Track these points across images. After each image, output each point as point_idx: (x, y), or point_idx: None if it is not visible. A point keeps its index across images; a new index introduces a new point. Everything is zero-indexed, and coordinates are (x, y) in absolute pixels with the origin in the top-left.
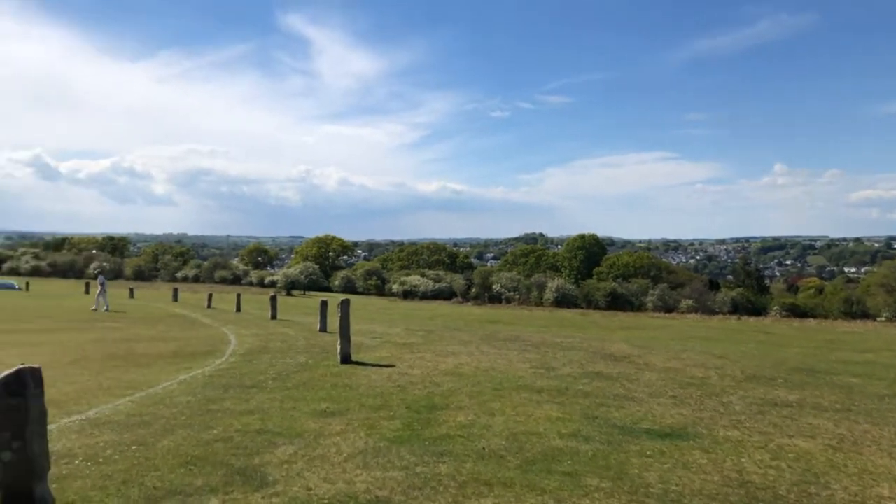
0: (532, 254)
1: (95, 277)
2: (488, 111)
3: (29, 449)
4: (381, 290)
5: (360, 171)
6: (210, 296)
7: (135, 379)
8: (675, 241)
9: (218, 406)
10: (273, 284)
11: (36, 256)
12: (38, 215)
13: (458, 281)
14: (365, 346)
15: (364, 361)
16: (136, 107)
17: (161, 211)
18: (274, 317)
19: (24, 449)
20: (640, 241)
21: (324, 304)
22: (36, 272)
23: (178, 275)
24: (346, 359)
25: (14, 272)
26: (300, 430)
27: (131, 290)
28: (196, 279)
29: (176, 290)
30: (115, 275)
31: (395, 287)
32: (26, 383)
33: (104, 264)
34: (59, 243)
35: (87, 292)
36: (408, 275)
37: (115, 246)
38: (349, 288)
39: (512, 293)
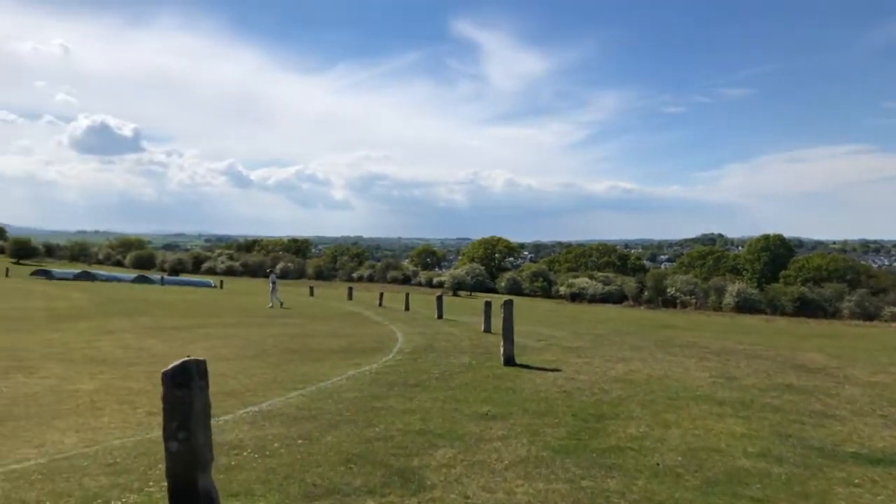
0: (710, 255)
1: (268, 276)
2: (660, 107)
3: (194, 439)
4: (547, 293)
5: (526, 172)
6: (381, 294)
7: (308, 373)
8: (875, 241)
9: (382, 403)
10: (440, 285)
11: (230, 257)
12: (232, 219)
13: (630, 283)
14: (529, 349)
15: (528, 364)
16: (317, 117)
17: (339, 214)
18: (440, 316)
19: (190, 439)
20: (834, 242)
21: (487, 305)
22: (230, 272)
23: (354, 275)
24: (509, 361)
25: (211, 272)
26: (461, 432)
27: (311, 289)
28: (370, 279)
29: (351, 289)
30: (299, 274)
31: (562, 289)
32: (191, 375)
33: (284, 264)
34: (249, 245)
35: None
36: (575, 277)
37: (299, 248)
38: (515, 289)
39: (688, 297)
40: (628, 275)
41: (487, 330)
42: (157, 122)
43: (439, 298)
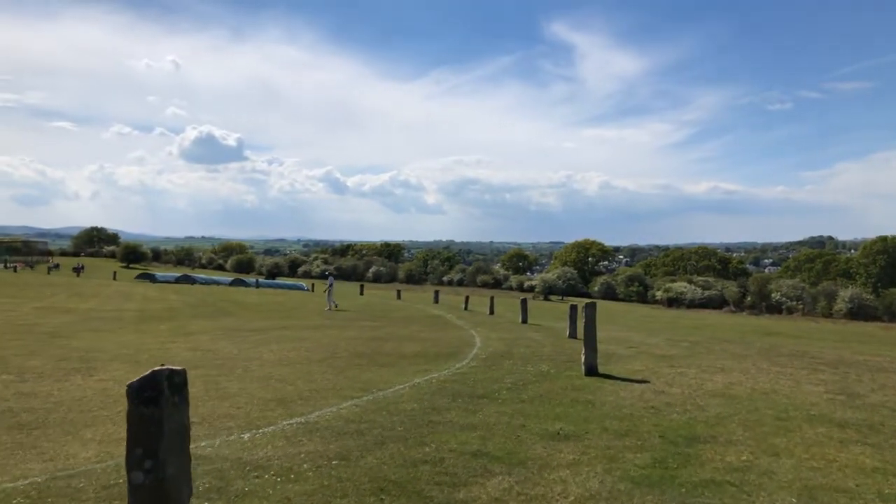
0: (819, 259)
1: (325, 278)
2: (765, 104)
3: (162, 470)
4: (643, 297)
5: (621, 174)
6: (467, 298)
7: (371, 379)
8: None
9: (440, 417)
10: (531, 289)
11: (325, 261)
12: (330, 225)
13: (731, 288)
14: (617, 357)
15: (612, 374)
16: (410, 123)
17: (431, 219)
18: (524, 321)
19: (157, 470)
20: None
21: (573, 309)
22: (324, 276)
23: (444, 278)
24: (591, 370)
25: (307, 275)
26: (524, 456)
27: (398, 292)
28: (460, 283)
29: (437, 293)
30: (391, 278)
31: (658, 294)
32: (161, 389)
33: (376, 268)
34: (344, 249)
35: (361, 294)
36: (673, 281)
37: (391, 252)
38: (609, 294)
39: (794, 302)
40: (729, 279)
41: (573, 335)
42: (260, 132)
43: (523, 302)
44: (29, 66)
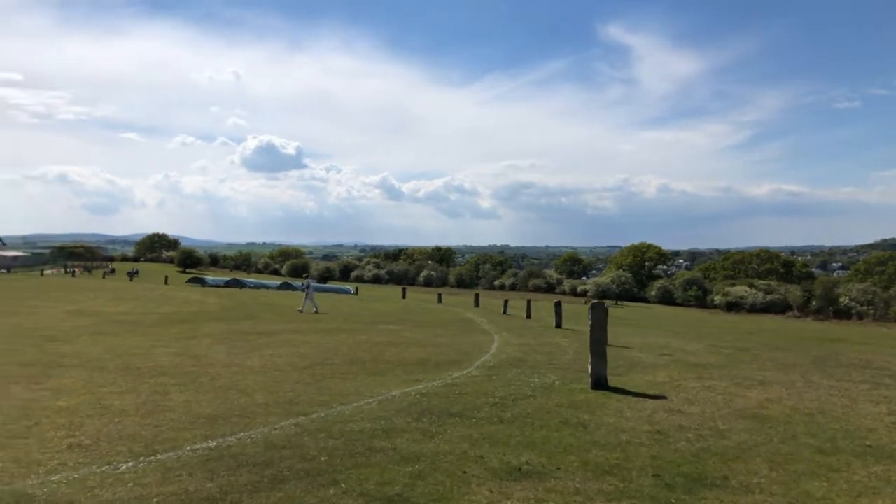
0: (891, 262)
1: (304, 278)
2: (832, 102)
3: None
4: (702, 302)
5: (680, 177)
6: (506, 302)
7: (344, 391)
8: None
9: (385, 443)
10: (584, 294)
11: (377, 266)
12: (386, 230)
13: (795, 292)
14: (641, 366)
15: (625, 388)
16: (464, 129)
17: (486, 224)
18: (558, 325)
19: None
20: None
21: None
22: (376, 279)
23: (496, 283)
24: (598, 383)
25: (359, 279)
26: None
27: (439, 296)
28: (513, 287)
29: (477, 296)
30: (442, 282)
31: (717, 298)
32: None
33: (427, 272)
34: (395, 254)
35: (403, 297)
36: (732, 285)
37: (443, 256)
38: (666, 298)
39: (865, 307)
40: (793, 283)
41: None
42: (318, 140)
43: (557, 305)
44: (100, 80)
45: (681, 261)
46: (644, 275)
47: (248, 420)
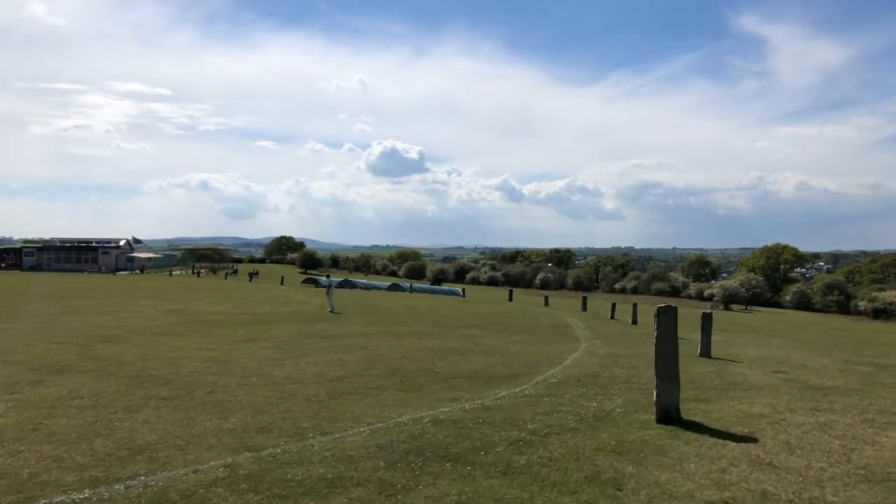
0: None
1: (326, 279)
2: None
3: None
4: (844, 308)
5: (822, 174)
6: (613, 306)
7: (346, 413)
8: None
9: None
10: (711, 298)
11: (492, 268)
12: (507, 233)
13: None
14: (741, 387)
15: (703, 423)
16: (587, 128)
17: (610, 225)
18: None
19: None
20: None
21: (706, 318)
22: (491, 282)
23: (617, 286)
24: (666, 414)
25: (474, 281)
26: None
27: (546, 298)
28: (634, 290)
29: (585, 299)
30: (559, 285)
31: (861, 304)
32: None
33: (545, 274)
34: (513, 256)
35: (510, 299)
36: (881, 290)
37: (561, 258)
38: (803, 303)
39: None
40: None
41: (705, 353)
42: (440, 144)
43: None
44: (236, 92)
45: (821, 263)
46: (778, 278)
47: (178, 454)
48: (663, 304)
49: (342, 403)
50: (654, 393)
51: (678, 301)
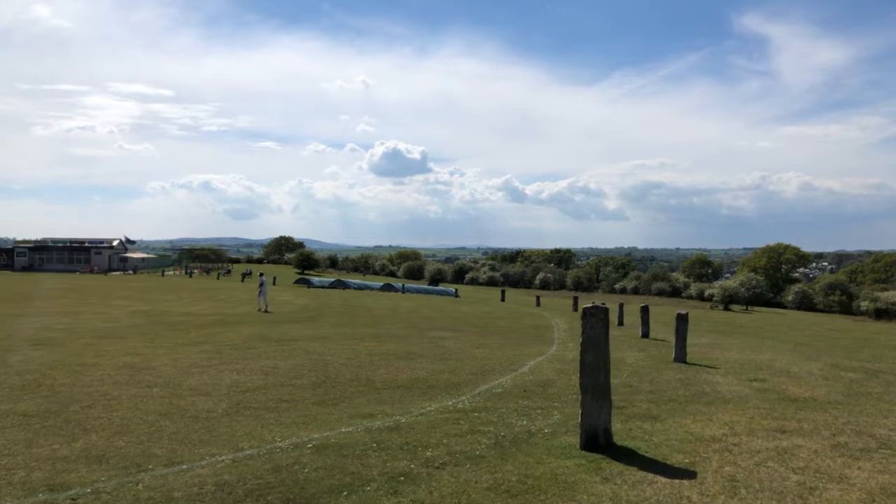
0: None
1: (253, 276)
2: None
3: None
4: (846, 308)
5: (825, 174)
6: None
7: (227, 435)
8: None
9: None
10: (710, 298)
11: (492, 268)
12: (509, 233)
13: None
14: (704, 399)
15: (637, 449)
16: (590, 128)
17: (613, 226)
18: (644, 334)
19: None
20: None
21: (680, 319)
22: (491, 282)
23: (617, 286)
24: (592, 439)
25: (474, 281)
26: None
27: (537, 298)
28: (635, 291)
29: (576, 299)
30: (559, 285)
31: (864, 304)
32: None
33: (544, 274)
34: (513, 256)
35: (502, 300)
36: (884, 289)
37: (561, 258)
38: (805, 304)
39: None
40: None
41: (679, 359)
42: (442, 144)
43: (643, 310)
44: (239, 93)
45: (824, 263)
46: (780, 278)
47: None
48: (590, 305)
49: (232, 422)
50: (580, 413)
51: (679, 301)
